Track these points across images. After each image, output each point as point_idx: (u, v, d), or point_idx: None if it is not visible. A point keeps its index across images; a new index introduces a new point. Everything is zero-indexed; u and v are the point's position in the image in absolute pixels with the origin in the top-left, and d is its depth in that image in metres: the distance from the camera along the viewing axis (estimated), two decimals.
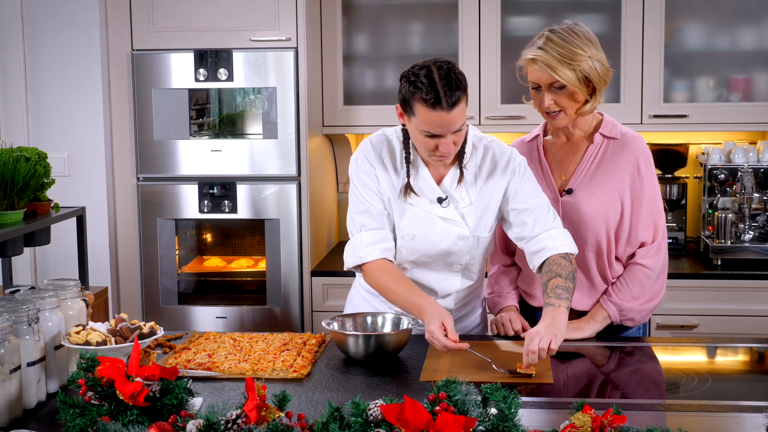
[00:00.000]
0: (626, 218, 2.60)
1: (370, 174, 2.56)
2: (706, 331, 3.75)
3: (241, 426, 1.63)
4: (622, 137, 2.62)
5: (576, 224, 2.60)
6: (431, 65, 2.38)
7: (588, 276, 2.63)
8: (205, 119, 4.11)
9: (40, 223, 3.14)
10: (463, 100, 2.37)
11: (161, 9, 3.90)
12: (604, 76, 2.53)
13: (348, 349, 2.38)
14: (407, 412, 1.56)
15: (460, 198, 2.55)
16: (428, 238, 2.55)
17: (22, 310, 2.02)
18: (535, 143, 2.71)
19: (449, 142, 2.40)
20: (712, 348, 2.59)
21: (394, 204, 2.57)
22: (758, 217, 3.93)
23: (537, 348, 2.21)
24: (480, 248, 2.59)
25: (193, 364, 2.33)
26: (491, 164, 2.56)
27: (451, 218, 2.55)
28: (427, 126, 2.37)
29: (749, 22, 4.02)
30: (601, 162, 2.61)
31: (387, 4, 4.17)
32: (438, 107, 2.33)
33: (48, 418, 2.00)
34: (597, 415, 1.62)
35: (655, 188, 2.63)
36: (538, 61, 2.49)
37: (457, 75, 2.37)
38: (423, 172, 2.55)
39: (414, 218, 2.55)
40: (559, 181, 2.65)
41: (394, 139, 2.59)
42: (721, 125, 4.05)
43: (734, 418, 1.95)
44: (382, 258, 2.51)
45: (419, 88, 2.35)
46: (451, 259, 2.58)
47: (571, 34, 2.50)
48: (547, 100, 2.52)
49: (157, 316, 4.00)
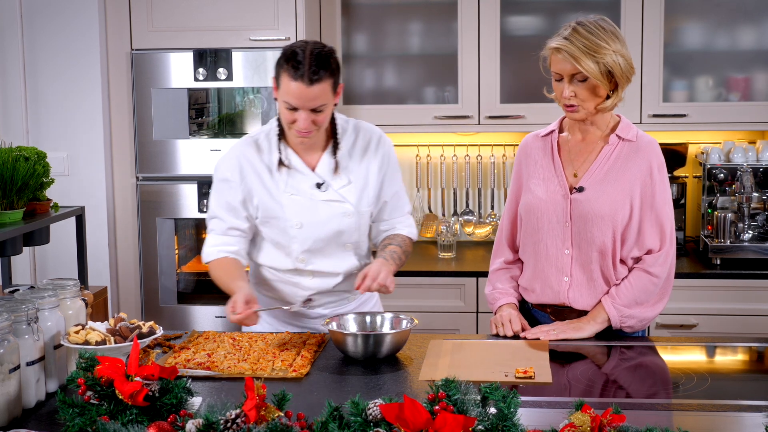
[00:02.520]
0: (634, 221, 2.59)
1: (228, 184, 2.68)
2: (705, 330, 3.75)
3: (240, 425, 1.63)
4: (637, 140, 2.62)
5: (584, 222, 2.59)
6: (308, 43, 2.52)
7: (590, 275, 2.63)
8: (204, 119, 4.11)
9: (40, 223, 3.14)
10: (326, 81, 2.48)
11: (160, 8, 3.90)
12: (627, 73, 2.53)
13: (347, 349, 2.38)
14: (406, 411, 1.56)
15: (337, 179, 2.68)
16: (315, 222, 2.67)
17: (21, 309, 2.02)
18: (550, 138, 2.70)
19: (307, 118, 2.51)
20: (712, 347, 2.59)
21: (275, 198, 2.67)
22: (757, 217, 3.93)
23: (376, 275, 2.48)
24: (364, 223, 2.75)
25: (192, 363, 2.33)
26: (363, 142, 2.72)
27: (332, 199, 2.67)
28: (287, 96, 2.49)
29: (748, 21, 4.02)
30: (615, 163, 2.60)
31: (386, 3, 4.17)
32: (299, 79, 2.45)
33: (47, 417, 2.00)
34: (596, 414, 1.62)
35: (667, 194, 2.62)
36: (563, 50, 2.48)
37: (328, 58, 2.50)
38: (295, 159, 2.66)
39: (298, 207, 2.66)
40: (570, 178, 2.65)
41: (261, 137, 2.71)
42: (721, 125, 4.05)
43: (733, 418, 1.95)
44: (221, 257, 2.68)
45: (287, 60, 2.48)
46: (342, 239, 2.71)
47: (597, 27, 2.51)
48: (567, 91, 2.51)
49: (156, 316, 4.00)
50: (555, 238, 2.62)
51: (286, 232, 2.67)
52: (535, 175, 2.68)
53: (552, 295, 2.65)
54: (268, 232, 2.70)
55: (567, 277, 2.62)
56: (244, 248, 2.73)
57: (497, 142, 4.39)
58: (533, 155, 2.70)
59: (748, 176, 3.85)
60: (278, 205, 2.66)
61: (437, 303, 3.85)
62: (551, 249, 2.63)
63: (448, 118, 4.11)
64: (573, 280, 2.62)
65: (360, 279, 2.51)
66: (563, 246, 2.61)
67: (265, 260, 2.76)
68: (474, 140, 4.40)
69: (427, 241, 4.50)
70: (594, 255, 2.60)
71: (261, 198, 2.67)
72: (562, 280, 2.63)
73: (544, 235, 2.64)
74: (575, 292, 2.62)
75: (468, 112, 4.10)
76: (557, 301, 2.65)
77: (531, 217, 2.66)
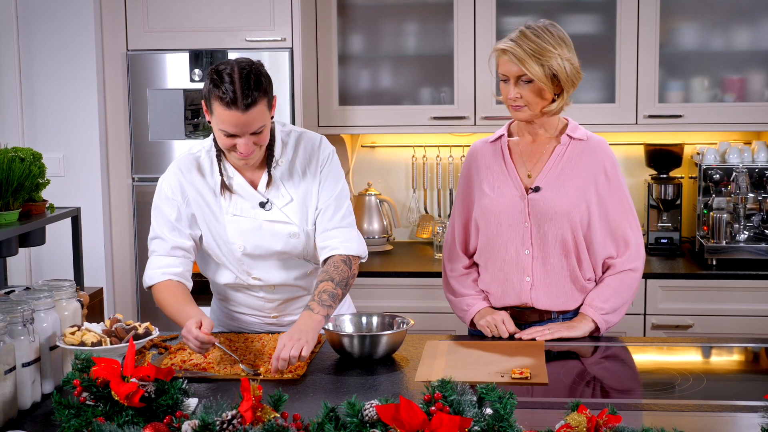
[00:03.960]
0: (594, 218, 2.62)
1: (170, 202, 2.57)
2: (701, 331, 3.76)
3: (236, 426, 1.62)
4: (588, 139, 2.66)
5: (542, 221, 2.61)
6: (235, 64, 2.37)
7: (552, 274, 2.64)
8: (200, 120, 4.10)
9: (35, 224, 3.13)
10: (261, 102, 2.36)
11: (156, 9, 3.90)
12: (572, 78, 2.57)
13: (343, 350, 2.38)
14: (402, 412, 1.56)
15: (280, 197, 2.56)
16: (259, 244, 2.56)
17: (17, 310, 2.01)
18: (499, 143, 2.73)
19: (248, 143, 2.39)
20: (707, 348, 2.60)
21: (218, 219, 2.57)
22: (753, 217, 3.94)
23: (288, 356, 2.25)
24: (311, 241, 2.60)
25: (188, 364, 2.33)
26: (304, 156, 2.59)
27: (276, 219, 2.56)
28: (223, 125, 2.36)
29: (744, 22, 4.03)
30: (568, 162, 2.64)
31: (382, 4, 4.17)
32: (233, 107, 2.32)
33: (43, 418, 2.00)
34: (592, 415, 1.62)
35: (624, 189, 2.67)
36: (509, 52, 2.53)
37: (259, 76, 2.37)
38: (238, 180, 2.55)
39: (240, 229, 2.56)
40: (525, 179, 2.66)
41: (202, 155, 2.60)
42: (716, 125, 4.06)
43: (729, 418, 1.96)
44: (165, 279, 2.54)
45: (217, 87, 2.34)
46: (290, 255, 2.60)
47: (545, 31, 2.55)
48: (513, 92, 2.56)
49: (152, 317, 3.99)
50: (514, 239, 2.64)
51: (232, 254, 2.59)
52: (487, 178, 2.70)
53: (514, 296, 2.66)
54: (214, 252, 2.62)
55: (529, 277, 2.64)
56: (189, 270, 2.60)
57: None
58: (484, 159, 2.72)
59: (744, 177, 3.85)
60: (221, 227, 2.57)
61: (433, 304, 3.85)
62: (511, 250, 2.65)
63: (444, 119, 4.11)
64: (535, 280, 2.64)
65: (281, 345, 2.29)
66: (523, 246, 2.64)
67: (219, 278, 2.68)
68: (470, 141, 4.40)
69: (423, 242, 4.50)
70: (555, 253, 2.63)
71: (205, 219, 2.58)
72: (523, 281, 2.64)
73: (503, 237, 2.65)
74: (537, 291, 2.64)
75: (464, 112, 4.10)
76: (519, 302, 2.66)
77: (489, 220, 2.67)
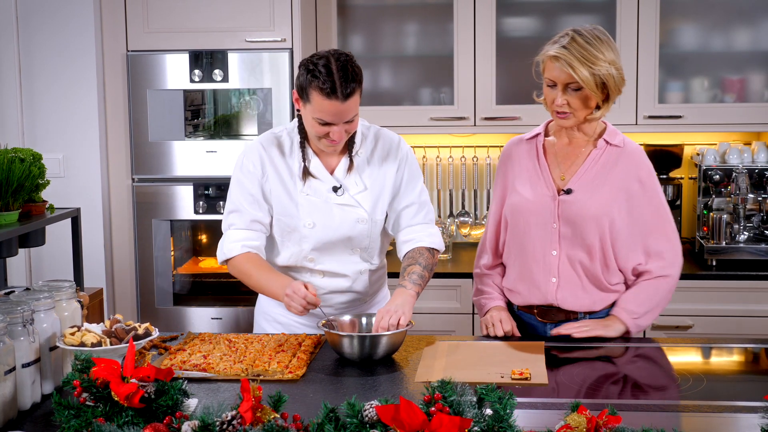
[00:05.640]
0: (624, 225, 2.60)
1: (251, 176, 2.67)
2: (701, 331, 3.76)
3: (236, 427, 1.62)
4: (624, 146, 2.65)
5: (572, 224, 2.61)
6: (330, 56, 2.49)
7: (578, 275, 2.64)
8: (200, 120, 4.10)
9: (35, 224, 3.13)
10: (357, 92, 2.49)
11: (156, 10, 3.89)
12: (619, 84, 2.55)
13: (343, 350, 2.38)
14: (402, 412, 1.56)
15: (354, 184, 2.67)
16: (328, 224, 2.65)
17: (16, 311, 2.01)
18: (535, 142, 2.72)
19: (341, 131, 2.52)
20: (707, 348, 2.60)
21: (291, 197, 2.66)
22: (753, 218, 3.94)
23: (387, 324, 2.39)
24: (377, 231, 2.71)
25: (188, 365, 2.32)
26: (382, 150, 2.71)
27: (347, 204, 2.66)
28: (321, 114, 2.48)
29: (743, 22, 4.03)
30: (603, 167, 2.62)
31: (382, 5, 4.17)
32: (333, 97, 2.45)
33: (43, 419, 2.00)
34: (592, 415, 1.62)
35: (660, 197, 2.65)
36: (560, 59, 2.50)
37: (354, 68, 2.49)
38: (315, 162, 2.66)
39: (312, 208, 2.65)
40: (558, 180, 2.66)
41: (284, 135, 2.71)
42: (716, 126, 4.06)
43: (729, 419, 1.96)
44: (245, 252, 2.63)
45: (317, 77, 2.45)
46: (352, 243, 2.69)
47: (595, 37, 2.52)
48: (559, 99, 2.53)
49: (152, 317, 3.99)
50: (542, 238, 2.64)
51: (298, 231, 2.67)
52: (520, 176, 2.70)
53: (539, 295, 2.66)
54: (280, 229, 2.70)
55: (555, 278, 2.64)
56: (263, 245, 2.70)
57: (493, 144, 4.39)
58: (518, 158, 2.72)
59: (744, 177, 3.85)
60: (293, 204, 2.66)
61: (433, 304, 3.85)
62: (538, 250, 2.65)
63: (444, 120, 4.11)
64: (561, 281, 2.64)
65: (380, 317, 2.44)
66: (550, 247, 2.63)
67: (275, 258, 2.75)
68: (470, 142, 4.41)
69: None
70: (582, 256, 2.62)
71: (278, 196, 2.66)
72: (549, 281, 2.64)
73: (531, 236, 2.65)
74: (563, 292, 2.64)
75: (464, 113, 4.10)
76: (545, 302, 2.66)
77: (518, 218, 2.68)
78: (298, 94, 2.53)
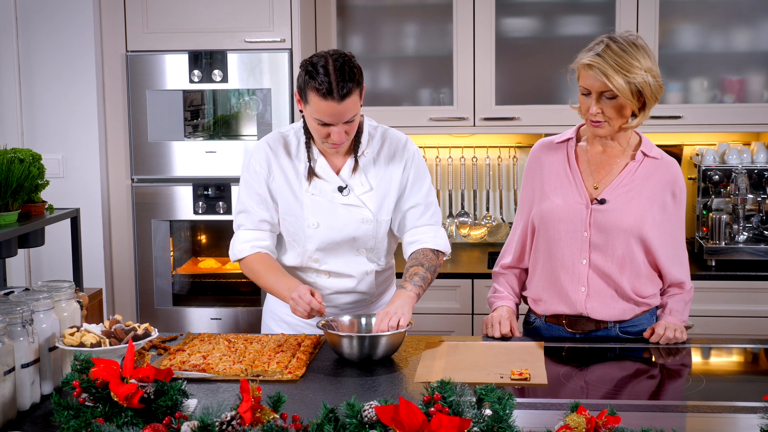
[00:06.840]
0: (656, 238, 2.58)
1: (258, 176, 2.68)
2: (700, 331, 3.76)
3: (235, 427, 1.62)
4: (662, 159, 2.62)
5: (604, 234, 2.57)
6: (328, 56, 2.50)
7: (608, 286, 2.60)
8: (199, 120, 4.10)
9: (35, 225, 3.13)
10: (355, 92, 2.49)
11: (155, 10, 3.89)
12: (656, 92, 2.50)
13: (342, 351, 2.38)
14: (402, 413, 1.56)
15: (360, 184, 2.68)
16: (332, 225, 2.66)
17: (16, 311, 2.01)
18: (566, 146, 2.67)
19: (341, 131, 2.52)
20: (707, 349, 2.60)
21: (296, 197, 2.67)
22: (752, 218, 3.94)
23: (387, 326, 2.40)
24: (382, 232, 2.71)
25: (187, 365, 2.32)
26: (389, 151, 2.72)
27: (352, 204, 2.66)
28: (319, 114, 2.49)
29: (743, 23, 4.03)
30: (639, 179, 2.59)
31: (381, 5, 4.17)
32: (329, 97, 2.45)
33: (42, 419, 2.00)
34: (591, 416, 1.62)
35: (683, 211, 2.66)
36: (595, 67, 2.44)
37: (352, 68, 2.49)
38: (321, 162, 2.67)
39: (317, 208, 2.66)
40: (590, 189, 2.61)
41: (290, 135, 2.72)
42: (715, 126, 4.06)
43: (728, 419, 1.96)
44: (255, 252, 2.66)
45: (314, 78, 2.46)
46: (357, 244, 2.70)
47: (630, 44, 2.46)
48: (594, 108, 2.48)
49: (151, 318, 3.99)
50: (572, 247, 2.59)
51: (302, 230, 2.67)
52: (550, 182, 2.64)
53: (569, 305, 2.62)
54: (286, 229, 2.70)
55: (584, 287, 2.59)
56: (274, 244, 2.72)
57: (492, 144, 4.39)
58: (548, 163, 2.66)
59: (743, 178, 3.85)
60: (298, 203, 2.66)
61: (432, 304, 3.85)
62: (568, 258, 2.60)
63: (444, 120, 4.12)
64: (590, 290, 2.59)
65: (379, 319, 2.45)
66: (580, 256, 2.58)
67: (282, 258, 2.76)
68: (469, 142, 4.41)
69: None
70: (612, 267, 2.58)
71: (283, 195, 2.67)
72: (578, 290, 2.60)
73: (560, 244, 2.60)
74: (593, 302, 2.60)
75: (463, 113, 4.10)
76: (574, 311, 2.61)
77: (548, 225, 2.62)
78: (298, 95, 2.54)
